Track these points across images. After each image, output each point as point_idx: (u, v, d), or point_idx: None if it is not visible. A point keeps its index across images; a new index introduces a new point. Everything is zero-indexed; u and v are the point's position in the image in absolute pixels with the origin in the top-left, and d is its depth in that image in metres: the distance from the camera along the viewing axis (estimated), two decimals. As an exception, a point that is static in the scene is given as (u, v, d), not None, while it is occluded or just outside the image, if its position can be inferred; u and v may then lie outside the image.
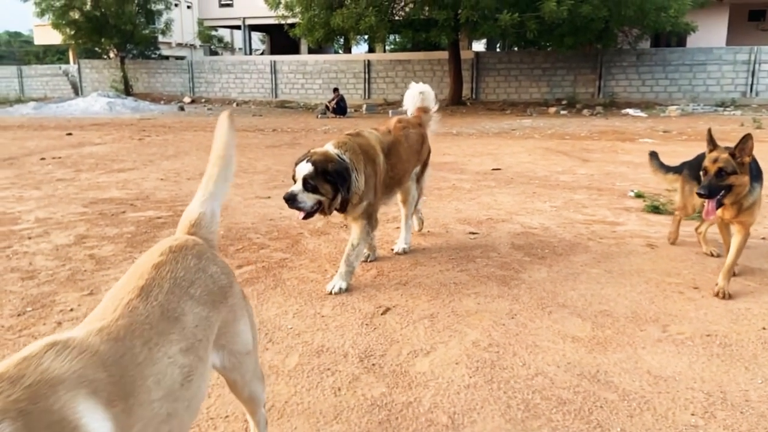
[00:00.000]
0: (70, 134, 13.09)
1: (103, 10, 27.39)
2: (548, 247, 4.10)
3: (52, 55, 51.63)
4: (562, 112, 19.39)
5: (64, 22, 27.28)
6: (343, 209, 3.29)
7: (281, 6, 21.06)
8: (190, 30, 37.91)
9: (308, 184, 3.11)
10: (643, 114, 17.89)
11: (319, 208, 3.19)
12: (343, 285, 3.29)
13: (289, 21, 22.12)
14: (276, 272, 3.57)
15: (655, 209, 5.09)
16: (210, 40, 35.87)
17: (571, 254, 3.93)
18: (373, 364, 2.44)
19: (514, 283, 3.40)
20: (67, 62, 36.67)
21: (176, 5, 34.71)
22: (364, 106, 22.25)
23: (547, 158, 8.88)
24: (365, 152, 3.36)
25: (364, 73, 26.19)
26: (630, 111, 18.57)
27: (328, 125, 15.86)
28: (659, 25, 18.27)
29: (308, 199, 3.13)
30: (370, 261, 3.81)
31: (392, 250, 4.04)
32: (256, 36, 39.73)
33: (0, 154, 9.52)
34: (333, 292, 3.24)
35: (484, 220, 4.95)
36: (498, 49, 29.25)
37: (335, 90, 20.44)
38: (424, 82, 4.70)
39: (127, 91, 28.74)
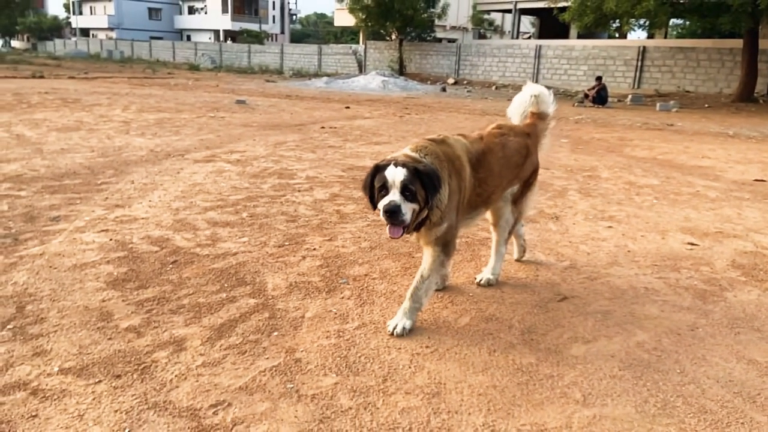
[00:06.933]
0: (348, 107, 15.24)
1: (390, -5, 30.44)
2: (776, 272, 3.73)
3: (347, 35, 59.10)
4: None
5: (358, 6, 31.14)
6: (419, 227, 2.71)
7: (553, -11, 20.78)
8: (464, 13, 39.62)
9: (407, 191, 2.49)
10: None
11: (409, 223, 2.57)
12: (407, 324, 2.74)
13: (560, 5, 21.68)
14: (475, 248, 4.02)
15: None
16: (481, 24, 36.99)
17: (801, 283, 3.54)
18: (532, 339, 2.74)
19: (713, 299, 3.27)
20: (358, 43, 41.68)
21: (454, -10, 36.47)
22: (630, 97, 20.79)
23: (836, 174, 7.46)
24: (450, 161, 2.77)
25: (637, 60, 24.32)
26: None
27: (582, 114, 15.40)
28: None
29: (408, 210, 2.51)
30: (438, 289, 3.23)
31: (475, 279, 3.45)
32: (526, 19, 39.62)
33: (294, 120, 11.71)
34: (396, 334, 2.70)
35: (712, 232, 4.62)
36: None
37: (598, 78, 19.54)
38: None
39: (401, 70, 31.61)
